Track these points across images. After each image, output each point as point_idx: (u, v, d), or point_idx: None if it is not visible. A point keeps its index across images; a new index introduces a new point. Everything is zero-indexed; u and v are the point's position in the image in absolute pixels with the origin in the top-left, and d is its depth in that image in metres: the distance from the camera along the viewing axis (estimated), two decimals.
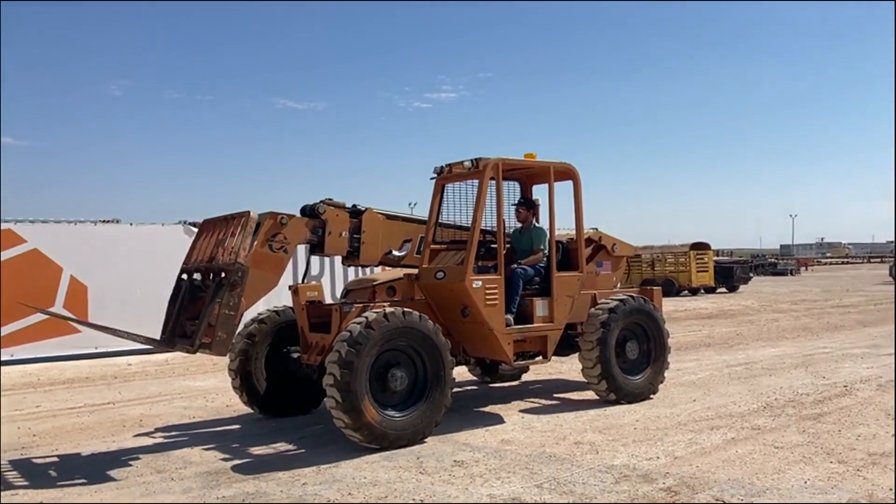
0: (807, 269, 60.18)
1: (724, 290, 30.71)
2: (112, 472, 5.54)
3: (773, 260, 60.27)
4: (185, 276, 6.42)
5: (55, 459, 6.07)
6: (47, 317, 12.19)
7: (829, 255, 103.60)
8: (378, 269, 12.69)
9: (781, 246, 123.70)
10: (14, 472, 5.65)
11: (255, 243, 6.14)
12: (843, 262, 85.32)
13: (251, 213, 6.12)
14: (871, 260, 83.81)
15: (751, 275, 34.94)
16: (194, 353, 5.84)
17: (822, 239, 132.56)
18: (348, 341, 5.85)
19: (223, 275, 5.91)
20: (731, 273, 31.19)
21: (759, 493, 4.67)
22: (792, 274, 51.08)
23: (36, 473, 5.64)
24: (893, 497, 4.49)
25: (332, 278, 14.80)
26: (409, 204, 70.47)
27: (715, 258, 32.40)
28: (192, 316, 6.10)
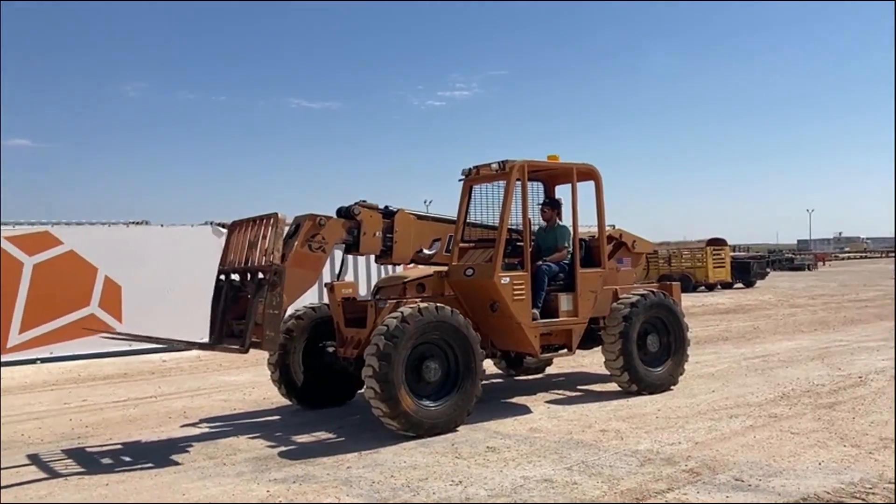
0: (824, 264, 60.04)
1: (740, 285, 30.87)
2: (166, 459, 5.93)
3: (789, 255, 60.12)
4: (223, 277, 6.76)
5: (115, 447, 6.48)
6: (84, 316, 12.74)
7: (846, 249, 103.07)
8: (399, 268, 13.06)
9: (799, 241, 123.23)
10: (71, 460, 6.05)
11: (296, 244, 6.50)
12: (861, 257, 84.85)
13: (279, 215, 6.35)
14: (890, 254, 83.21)
15: (767, 270, 35.08)
16: (246, 352, 6.15)
17: (840, 233, 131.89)
18: (385, 335, 6.21)
19: (261, 275, 6.25)
20: (748, 268, 31.32)
21: (776, 473, 4.98)
22: (809, 269, 51.00)
23: (96, 461, 6.04)
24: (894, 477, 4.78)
25: (357, 276, 15.18)
26: (425, 202, 70.92)
27: (731, 254, 32.58)
28: (236, 316, 6.44)
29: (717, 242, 30.17)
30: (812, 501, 4.44)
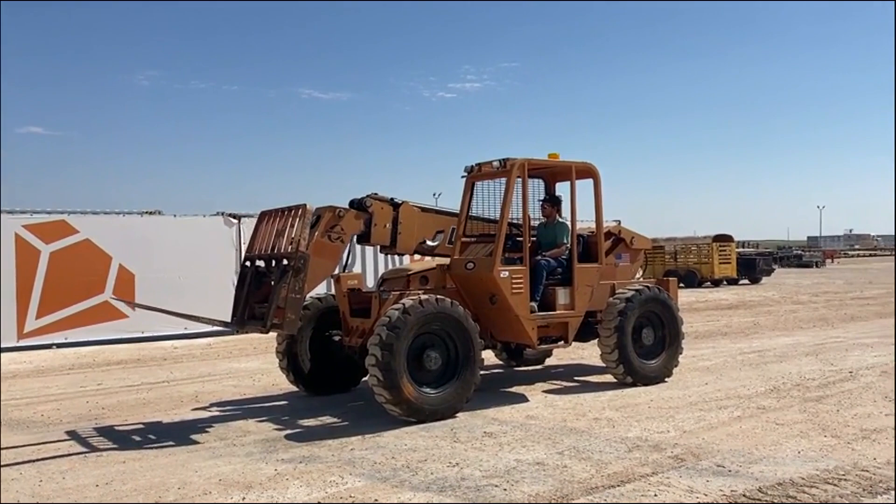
0: (833, 261, 59.99)
1: (746, 281, 31.02)
2: (180, 439, 6.25)
3: (798, 252, 60.12)
4: (248, 264, 7.11)
5: (130, 428, 6.81)
6: (99, 303, 13.11)
7: (857, 247, 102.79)
8: (406, 260, 13.34)
9: (809, 238, 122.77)
10: (89, 439, 6.37)
11: (316, 234, 6.82)
12: (870, 255, 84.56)
13: (307, 206, 6.74)
14: None
15: (774, 267, 35.17)
16: (267, 332, 6.52)
17: (851, 230, 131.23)
18: (388, 325, 6.50)
19: (286, 262, 6.59)
20: (754, 265, 31.46)
21: (757, 461, 5.25)
22: (817, 266, 50.99)
23: (113, 440, 6.36)
24: (893, 469, 5.01)
25: (363, 268, 15.49)
26: (434, 194, 71.09)
27: (738, 250, 32.71)
28: (259, 300, 6.79)
29: (723, 238, 30.33)
30: (786, 486, 4.70)
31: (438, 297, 6.92)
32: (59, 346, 12.62)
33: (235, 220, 14.57)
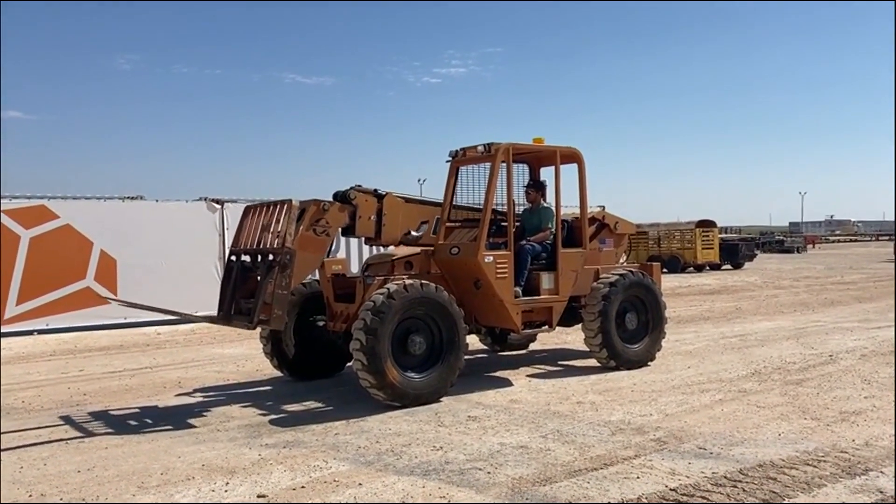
0: (814, 247, 60.61)
1: (729, 266, 31.27)
2: (163, 425, 6.23)
3: (780, 237, 60.66)
4: (234, 258, 7.06)
5: (113, 414, 6.76)
6: (80, 289, 13.00)
7: (837, 232, 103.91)
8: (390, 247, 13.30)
9: (791, 223, 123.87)
10: (71, 425, 6.32)
11: (301, 228, 6.77)
12: (851, 240, 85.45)
13: (293, 201, 6.70)
14: (881, 237, 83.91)
15: (756, 252, 35.50)
16: (254, 328, 6.49)
17: (832, 216, 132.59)
18: (372, 310, 6.49)
19: (272, 257, 6.55)
20: (736, 250, 31.74)
21: (738, 443, 5.30)
22: (798, 251, 51.51)
23: (95, 426, 6.32)
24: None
25: (348, 254, 15.46)
26: (419, 181, 70.99)
27: (721, 236, 32.93)
28: (245, 294, 6.75)
29: (706, 224, 30.51)
30: (766, 468, 4.76)
31: (423, 282, 6.91)
32: (41, 332, 12.51)
33: (218, 206, 14.47)
